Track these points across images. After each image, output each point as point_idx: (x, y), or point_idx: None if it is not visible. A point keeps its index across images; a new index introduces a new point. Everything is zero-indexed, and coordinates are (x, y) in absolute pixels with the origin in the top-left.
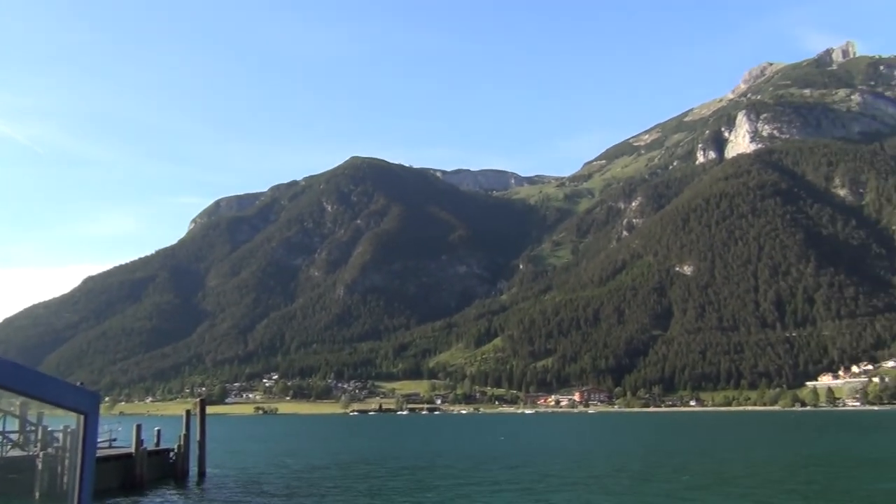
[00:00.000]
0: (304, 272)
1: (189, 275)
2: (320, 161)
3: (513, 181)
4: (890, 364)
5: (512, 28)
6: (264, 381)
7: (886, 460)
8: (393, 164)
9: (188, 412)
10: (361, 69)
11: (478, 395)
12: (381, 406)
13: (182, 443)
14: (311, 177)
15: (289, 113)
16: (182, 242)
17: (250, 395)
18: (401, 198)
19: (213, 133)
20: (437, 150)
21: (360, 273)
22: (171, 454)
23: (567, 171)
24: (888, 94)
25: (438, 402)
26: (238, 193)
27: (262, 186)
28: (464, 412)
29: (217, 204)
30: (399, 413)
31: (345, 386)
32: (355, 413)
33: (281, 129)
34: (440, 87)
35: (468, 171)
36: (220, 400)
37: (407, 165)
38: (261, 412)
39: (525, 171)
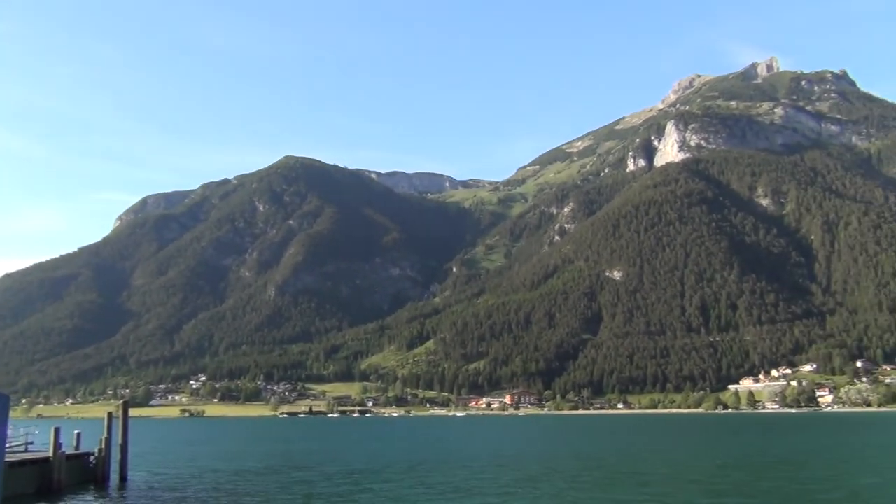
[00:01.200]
0: (235, 272)
1: (113, 273)
2: (253, 160)
3: (448, 184)
4: (807, 368)
5: (448, 32)
6: (191, 382)
7: (800, 459)
8: (327, 164)
9: (110, 414)
10: (296, 68)
11: (409, 397)
12: (311, 408)
13: (103, 446)
14: (244, 175)
15: (221, 110)
16: (107, 240)
17: (176, 398)
18: (335, 199)
19: (141, 129)
20: (373, 152)
21: (291, 274)
22: (91, 458)
23: (501, 176)
24: (809, 108)
25: (370, 404)
26: (166, 191)
27: (192, 184)
28: (395, 414)
29: (144, 201)
30: (330, 415)
31: (274, 388)
32: (285, 415)
33: (213, 127)
34: (376, 89)
35: (403, 173)
36: (145, 402)
37: (342, 166)
38: (187, 414)
39: (460, 175)
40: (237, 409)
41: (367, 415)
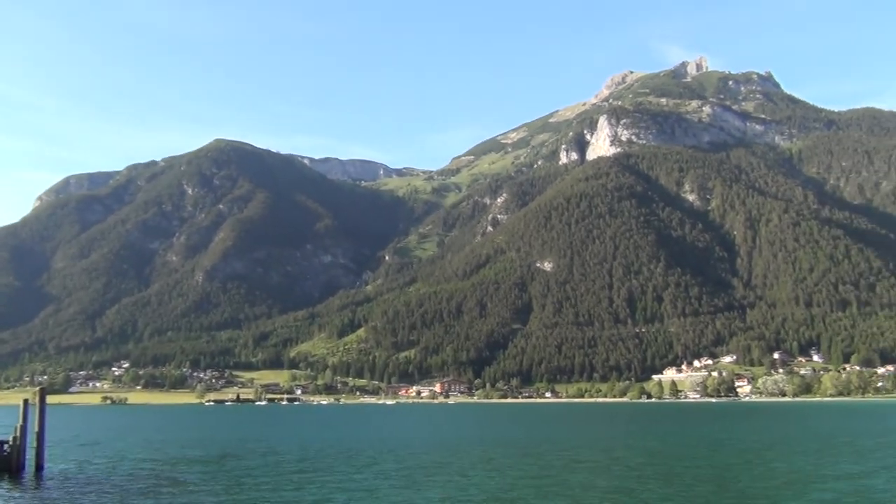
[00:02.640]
0: (161, 256)
1: (32, 256)
2: (182, 142)
3: (382, 172)
4: (727, 359)
5: (387, 20)
6: (113, 369)
7: (715, 445)
8: (259, 148)
9: (25, 402)
10: (229, 49)
11: (339, 385)
12: (238, 396)
13: (18, 434)
14: (172, 157)
15: (149, 90)
16: (25, 221)
17: (97, 385)
18: (266, 184)
19: (64, 106)
20: (306, 138)
21: (220, 259)
22: (6, 447)
23: (436, 165)
24: (735, 107)
25: (299, 392)
26: (90, 171)
27: (117, 165)
28: (324, 402)
29: (66, 181)
30: (258, 403)
31: (201, 375)
32: (211, 403)
33: (140, 107)
34: (311, 74)
35: (337, 159)
36: (64, 389)
37: (274, 151)
38: (109, 402)
39: (394, 163)
40: (161, 397)
41: (296, 403)
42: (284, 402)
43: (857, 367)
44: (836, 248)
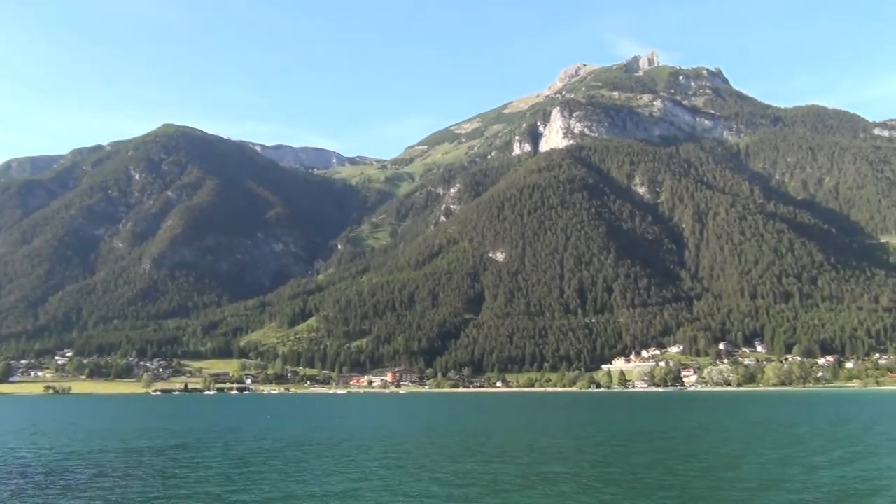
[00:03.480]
0: (107, 243)
1: None
2: (129, 126)
3: (335, 160)
4: (674, 350)
5: (340, 9)
6: (56, 358)
7: (659, 432)
8: (210, 134)
9: None
10: (180, 33)
11: (290, 374)
12: (186, 386)
13: None
14: (119, 142)
15: (95, 72)
16: None
17: (40, 374)
18: (216, 170)
19: (5, 88)
20: (258, 124)
21: (169, 247)
22: None
23: (389, 154)
24: (685, 102)
25: (248, 382)
26: (33, 155)
27: (61, 149)
28: (274, 392)
29: (8, 165)
30: (206, 393)
31: (148, 364)
32: (158, 393)
33: (85, 89)
34: (263, 60)
35: (289, 147)
36: (4, 378)
37: (225, 137)
38: (51, 392)
39: (347, 152)
40: (107, 387)
41: (246, 392)
42: (234, 392)
43: (799, 358)
44: (780, 242)
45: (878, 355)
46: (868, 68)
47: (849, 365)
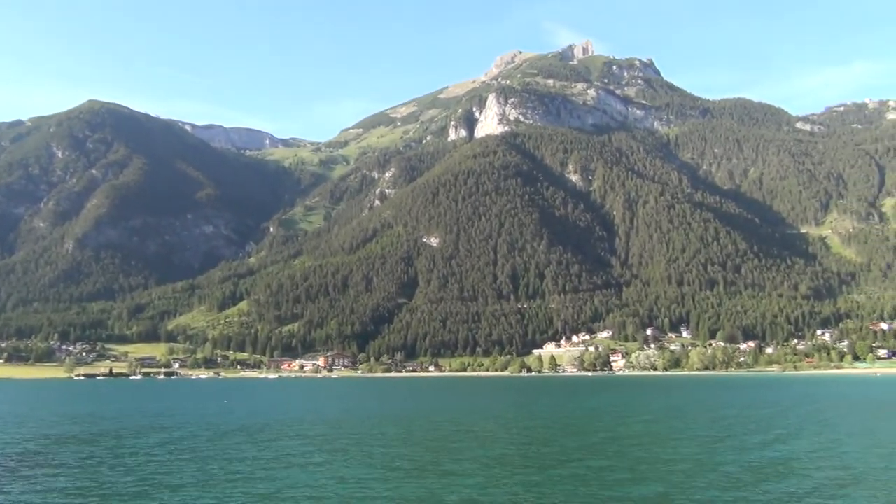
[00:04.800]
0: (27, 222)
1: None
2: (51, 101)
3: (268, 142)
4: (603, 335)
5: None
6: None
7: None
8: (137, 112)
9: None
10: (105, 6)
11: (219, 359)
12: (111, 370)
13: None
14: (40, 118)
15: (12, 42)
16: None
17: None
18: (144, 149)
19: None
20: (188, 103)
21: (93, 227)
22: None
23: (324, 137)
24: (618, 92)
25: (176, 366)
26: None
27: None
28: (203, 377)
29: None
30: (132, 377)
31: (70, 348)
32: (81, 377)
33: (1, 61)
34: (194, 37)
35: (221, 127)
36: None
37: (153, 115)
38: None
39: (281, 133)
40: (26, 371)
41: (174, 377)
42: (161, 377)
43: (722, 343)
44: (706, 231)
45: (796, 341)
46: (791, 64)
47: (769, 350)
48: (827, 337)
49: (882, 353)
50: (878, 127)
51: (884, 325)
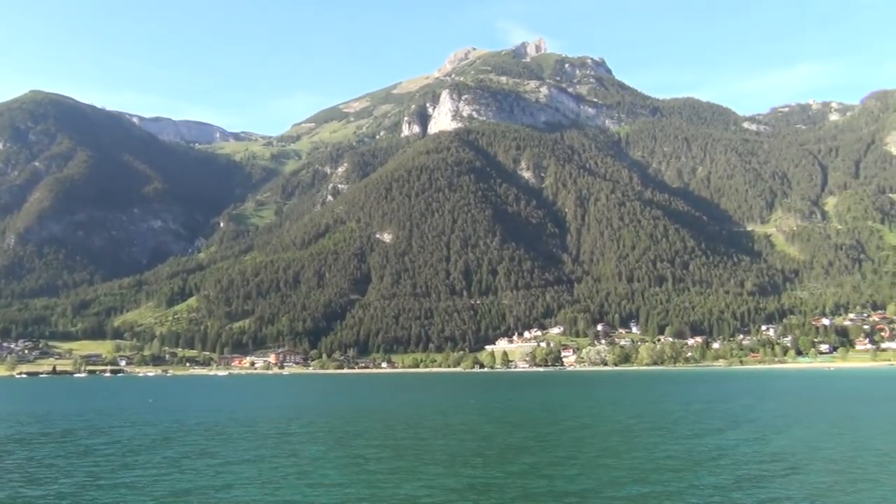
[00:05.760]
0: None
1: None
2: None
3: (218, 135)
4: (555, 331)
5: None
6: None
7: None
8: (82, 103)
9: None
10: None
11: (167, 356)
12: (55, 368)
13: None
14: None
15: None
16: None
17: None
18: (89, 141)
19: None
20: (136, 95)
21: (36, 221)
22: None
23: (276, 131)
24: (570, 90)
25: (123, 363)
26: None
27: None
28: (151, 374)
29: None
30: (76, 375)
31: (12, 346)
32: (24, 376)
33: None
34: (142, 27)
35: (169, 119)
36: None
37: (99, 107)
38: None
39: (232, 127)
40: None
41: (120, 374)
42: (107, 375)
43: (671, 339)
44: (655, 228)
45: (741, 336)
46: (738, 65)
47: (715, 345)
48: (771, 332)
49: (823, 348)
50: (821, 128)
51: (825, 321)
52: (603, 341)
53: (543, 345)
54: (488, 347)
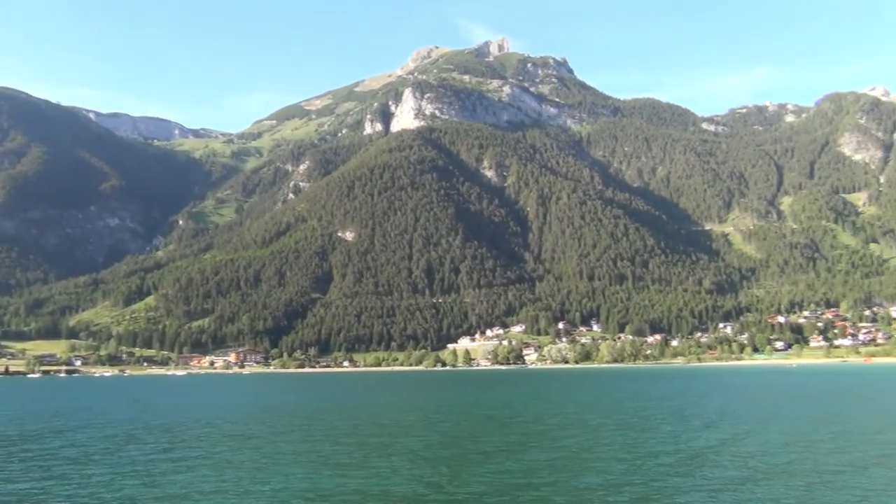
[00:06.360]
0: None
1: None
2: None
3: (177, 132)
4: (517, 329)
5: None
6: None
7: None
8: (36, 98)
9: None
10: None
11: (124, 356)
12: (7, 368)
13: None
14: None
15: None
16: None
17: None
18: (44, 137)
19: None
20: (92, 90)
21: None
22: None
23: (236, 128)
24: (532, 90)
25: (79, 363)
26: None
27: None
28: (108, 374)
29: None
30: (30, 376)
31: None
32: None
33: None
34: (100, 23)
35: (127, 115)
36: None
37: (54, 102)
38: None
39: (191, 123)
40: None
41: (76, 375)
42: (63, 375)
43: (631, 337)
44: (616, 227)
45: (699, 334)
46: (697, 67)
47: (674, 343)
48: (728, 330)
49: (779, 345)
50: (777, 129)
51: (781, 319)
52: (564, 339)
53: (505, 343)
54: (450, 346)
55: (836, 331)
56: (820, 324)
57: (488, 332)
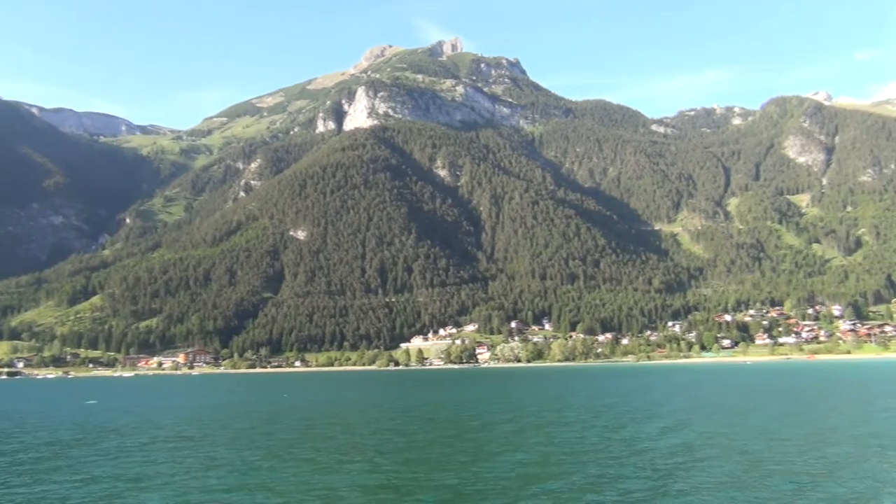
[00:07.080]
0: None
1: None
2: None
3: (124, 128)
4: (470, 328)
5: None
6: None
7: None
8: None
9: None
10: None
11: (69, 357)
12: None
13: None
14: None
15: None
16: None
17: None
18: None
19: None
20: (35, 85)
21: None
22: None
23: (185, 125)
24: (486, 90)
25: (20, 365)
26: None
27: None
28: (51, 376)
29: None
30: None
31: None
32: None
33: None
34: (44, 15)
35: (71, 111)
36: None
37: None
38: None
39: (139, 120)
40: None
41: (18, 377)
42: (3, 377)
43: (582, 335)
44: (568, 227)
45: (649, 332)
46: (647, 69)
47: (624, 341)
48: (677, 328)
49: (726, 343)
50: (724, 131)
51: (727, 317)
52: (516, 338)
53: (458, 342)
54: (403, 345)
55: (780, 329)
56: (765, 322)
57: (441, 332)
